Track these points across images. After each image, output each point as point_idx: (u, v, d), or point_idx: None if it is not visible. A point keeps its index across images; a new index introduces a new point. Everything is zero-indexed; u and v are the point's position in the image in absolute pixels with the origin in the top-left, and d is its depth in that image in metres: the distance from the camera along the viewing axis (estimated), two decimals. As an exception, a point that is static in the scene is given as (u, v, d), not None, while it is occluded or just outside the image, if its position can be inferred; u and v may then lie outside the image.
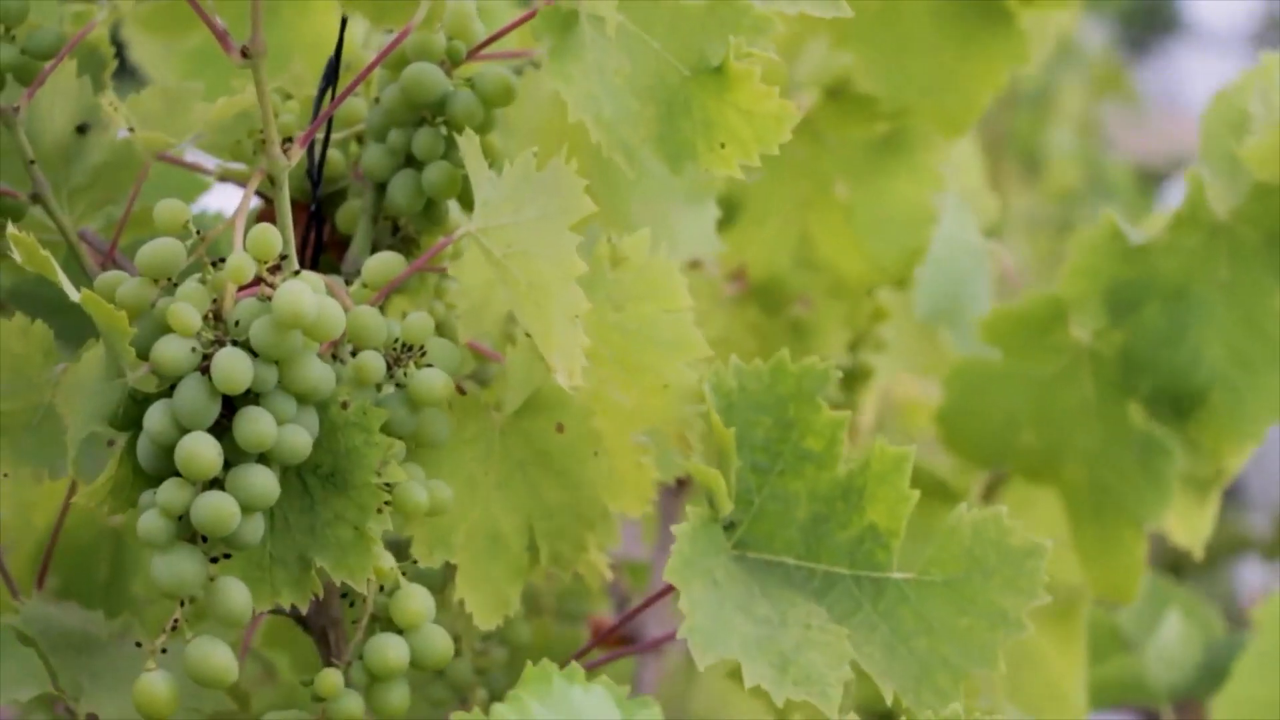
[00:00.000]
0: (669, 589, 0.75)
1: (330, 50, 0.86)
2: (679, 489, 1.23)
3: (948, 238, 1.17)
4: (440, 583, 0.94)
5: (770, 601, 0.78)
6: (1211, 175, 1.03)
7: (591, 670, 0.67)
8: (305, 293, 0.70)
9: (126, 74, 1.08)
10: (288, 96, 0.91)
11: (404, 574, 0.77)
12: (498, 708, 0.60)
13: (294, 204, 0.77)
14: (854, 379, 1.24)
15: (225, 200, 1.02)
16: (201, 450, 0.69)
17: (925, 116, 1.13)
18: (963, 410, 1.11)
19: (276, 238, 0.72)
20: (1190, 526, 1.12)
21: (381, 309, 0.79)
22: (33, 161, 0.82)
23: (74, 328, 0.83)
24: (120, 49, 0.94)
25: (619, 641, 1.03)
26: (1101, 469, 1.08)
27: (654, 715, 0.63)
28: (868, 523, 0.80)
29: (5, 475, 0.77)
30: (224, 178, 0.91)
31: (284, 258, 0.74)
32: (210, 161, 0.91)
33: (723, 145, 0.76)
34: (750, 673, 0.74)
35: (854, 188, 1.16)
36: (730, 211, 1.18)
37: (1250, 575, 2.76)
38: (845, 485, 0.81)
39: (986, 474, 1.18)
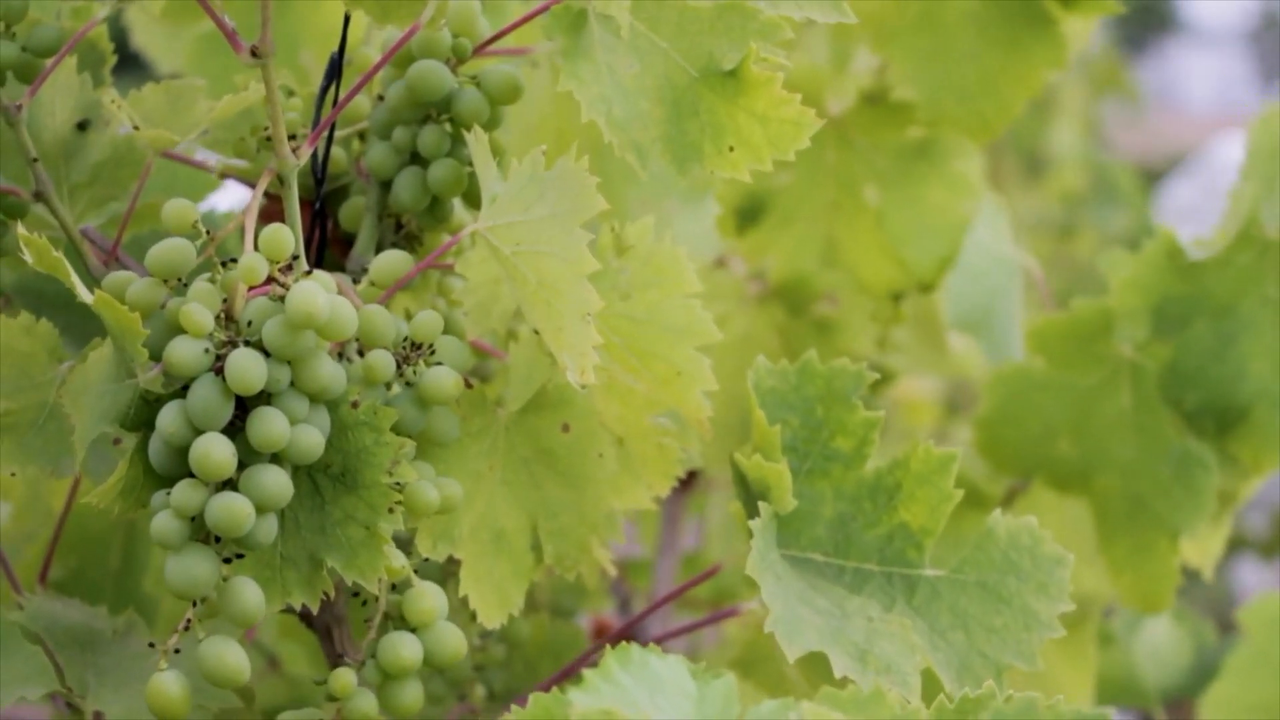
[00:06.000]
0: (677, 591, 0.76)
1: (337, 44, 0.85)
2: (681, 487, 1.23)
3: (980, 246, 1.18)
4: (440, 580, 0.94)
5: (822, 595, 0.79)
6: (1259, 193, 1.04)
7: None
8: (318, 293, 0.70)
9: (130, 63, 1.08)
10: (291, 93, 0.90)
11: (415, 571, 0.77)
12: (588, 674, 0.62)
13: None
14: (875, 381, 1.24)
15: (230, 198, 1.02)
16: (216, 451, 0.69)
17: (958, 121, 1.13)
18: (1002, 418, 1.11)
19: (289, 237, 0.72)
20: (1202, 546, 1.12)
21: (386, 307, 0.79)
22: (35, 159, 0.81)
23: (76, 325, 0.83)
24: (123, 38, 0.94)
25: (620, 640, 1.03)
26: (1136, 480, 1.09)
27: (727, 684, 0.64)
28: (898, 521, 0.83)
29: (13, 475, 0.76)
30: (226, 174, 0.91)
31: (295, 257, 0.73)
32: (212, 158, 0.91)
33: (731, 149, 0.76)
34: (837, 664, 0.75)
35: (885, 193, 1.17)
36: (756, 212, 1.18)
37: (1248, 575, 2.76)
38: (873, 485, 0.83)
39: (1008, 480, 1.18)
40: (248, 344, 0.71)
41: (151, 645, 0.73)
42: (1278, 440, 1.06)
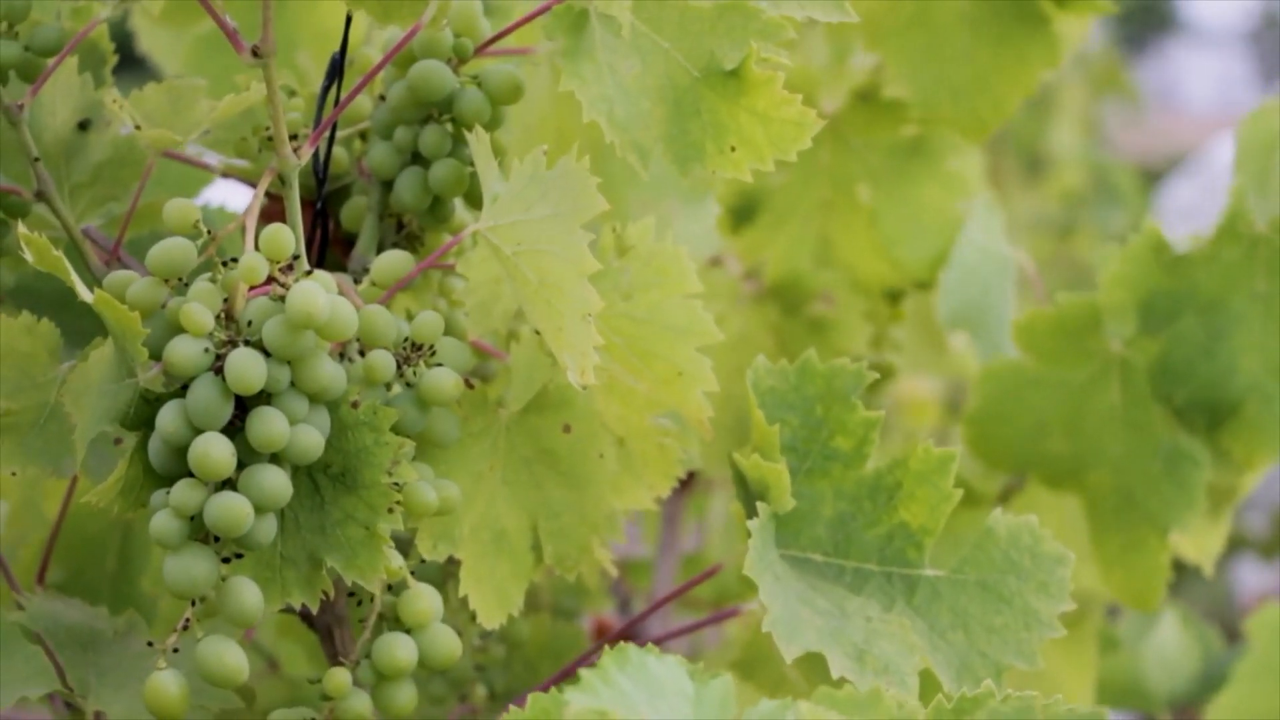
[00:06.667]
0: (677, 591, 0.76)
1: (336, 44, 0.85)
2: (681, 487, 1.23)
3: (973, 243, 1.18)
4: (440, 580, 0.94)
5: (822, 595, 0.79)
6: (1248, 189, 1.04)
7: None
8: (319, 293, 0.70)
9: (132, 64, 1.08)
10: (292, 93, 0.90)
11: (411, 573, 0.77)
12: (585, 674, 0.62)
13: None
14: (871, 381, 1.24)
15: (226, 193, 1.02)
16: (215, 451, 0.69)
17: (952, 120, 1.13)
18: (992, 415, 1.11)
19: (289, 237, 0.72)
20: (1201, 542, 1.12)
21: (387, 307, 0.79)
22: (37, 159, 0.81)
23: (76, 325, 0.83)
24: (125, 40, 0.94)
25: (620, 640, 1.03)
26: (1127, 476, 1.08)
27: (724, 685, 0.64)
28: (898, 521, 0.83)
29: (13, 474, 0.76)
30: (227, 174, 0.91)
31: (296, 257, 0.73)
32: (214, 158, 0.91)
33: (733, 148, 0.76)
34: (834, 664, 0.75)
35: (878, 192, 1.17)
36: (750, 211, 1.18)
37: (1248, 575, 2.76)
38: (873, 484, 0.83)
39: (1003, 479, 1.18)
40: (248, 344, 0.71)
41: (150, 645, 0.73)
42: (1271, 435, 1.06)
